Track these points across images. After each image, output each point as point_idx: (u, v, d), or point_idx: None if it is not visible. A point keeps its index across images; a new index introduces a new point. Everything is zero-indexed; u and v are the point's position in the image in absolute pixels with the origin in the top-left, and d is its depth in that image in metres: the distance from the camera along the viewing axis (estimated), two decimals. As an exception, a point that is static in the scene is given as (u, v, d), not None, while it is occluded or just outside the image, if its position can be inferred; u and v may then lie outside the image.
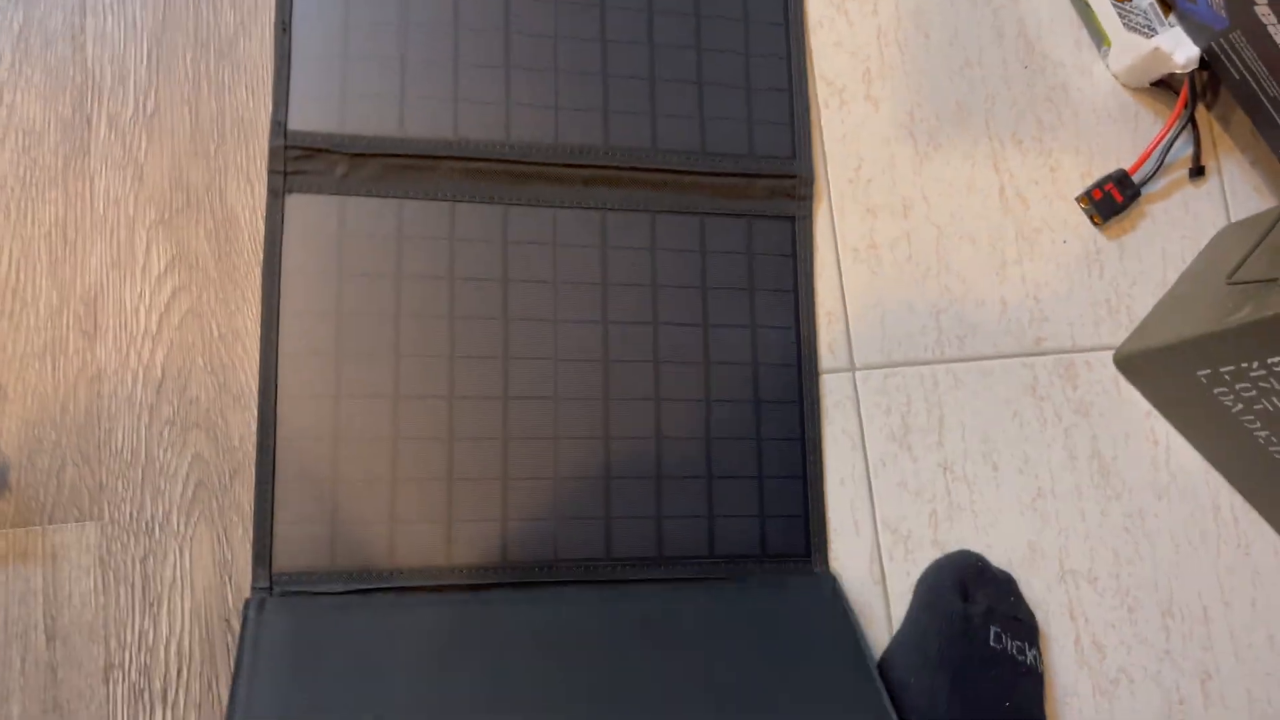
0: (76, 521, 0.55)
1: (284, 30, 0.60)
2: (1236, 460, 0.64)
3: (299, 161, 0.59)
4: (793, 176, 0.65)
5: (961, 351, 0.65)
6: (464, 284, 0.60)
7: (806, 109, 0.66)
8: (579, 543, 0.58)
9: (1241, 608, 0.64)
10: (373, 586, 0.55)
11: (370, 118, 0.60)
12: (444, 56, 0.62)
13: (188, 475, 0.56)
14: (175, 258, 0.58)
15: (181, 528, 0.56)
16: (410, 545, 0.56)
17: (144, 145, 0.59)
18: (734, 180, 0.64)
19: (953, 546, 0.62)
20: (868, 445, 0.63)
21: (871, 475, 0.63)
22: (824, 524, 0.61)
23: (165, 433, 0.56)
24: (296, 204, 0.59)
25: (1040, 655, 0.59)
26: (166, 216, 0.59)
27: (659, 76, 0.64)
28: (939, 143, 0.68)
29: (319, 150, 0.59)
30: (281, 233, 0.58)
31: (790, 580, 0.59)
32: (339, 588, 0.55)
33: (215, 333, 0.58)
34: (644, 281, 0.62)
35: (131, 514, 0.55)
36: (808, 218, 0.65)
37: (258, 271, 0.58)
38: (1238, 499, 0.66)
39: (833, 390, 0.63)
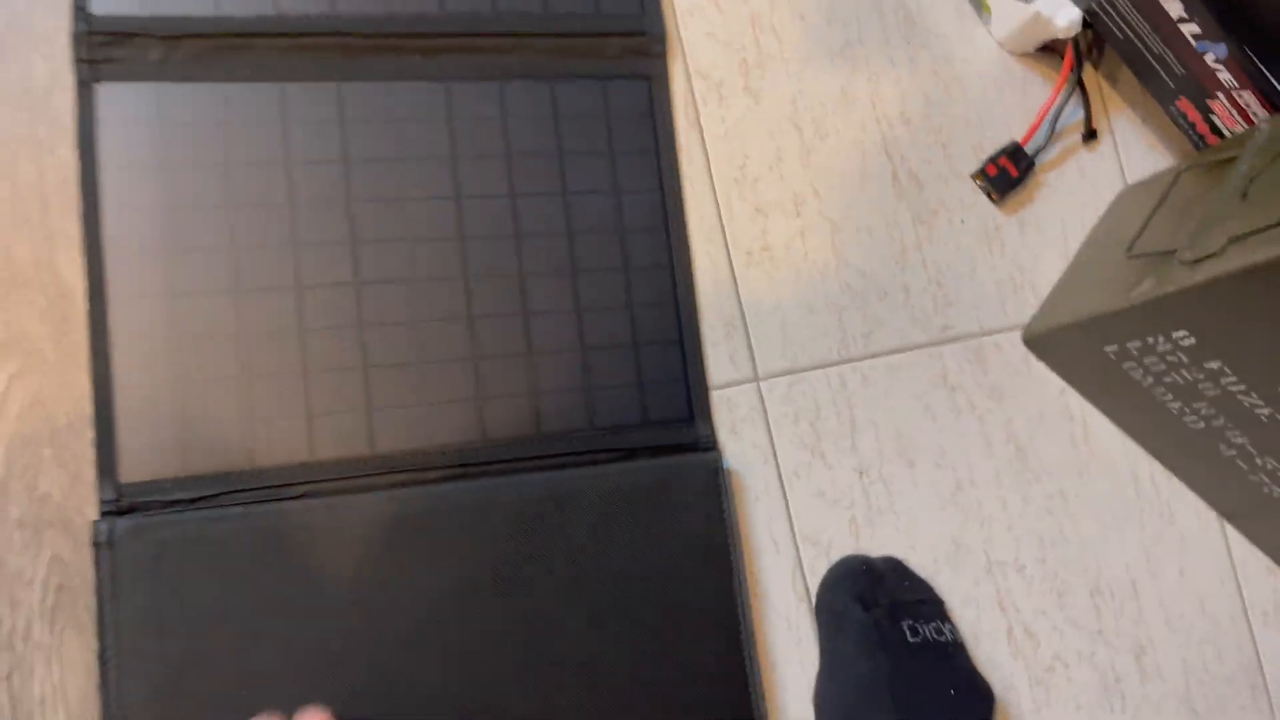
0: (-72, 644, 0.50)
1: None
2: (1153, 432, 0.62)
3: (107, 48, 0.55)
4: (642, 34, 0.62)
5: (867, 348, 0.62)
6: (302, 167, 0.56)
7: None
8: (452, 427, 0.56)
9: (1169, 577, 0.64)
10: (231, 489, 0.52)
11: None
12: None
13: (46, 580, 0.51)
14: (6, 343, 0.53)
15: (46, 637, 0.51)
16: (269, 444, 0.54)
17: (-42, 221, 0.53)
18: (582, 41, 0.61)
19: (875, 551, 0.60)
20: (779, 457, 0.60)
21: (786, 488, 0.60)
22: (704, 385, 0.60)
23: (16, 536, 0.52)
24: (109, 93, 0.55)
25: (955, 623, 0.59)
26: (-8, 298, 0.53)
27: None
28: (825, 132, 0.64)
29: (128, 34, 0.55)
30: (94, 125, 0.54)
31: (674, 464, 0.58)
32: (194, 494, 0.52)
33: (61, 420, 0.53)
34: (496, 153, 0.59)
35: (-12, 630, 0.51)
36: (664, 76, 0.62)
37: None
38: (1157, 467, 0.65)
39: (739, 404, 0.60)
